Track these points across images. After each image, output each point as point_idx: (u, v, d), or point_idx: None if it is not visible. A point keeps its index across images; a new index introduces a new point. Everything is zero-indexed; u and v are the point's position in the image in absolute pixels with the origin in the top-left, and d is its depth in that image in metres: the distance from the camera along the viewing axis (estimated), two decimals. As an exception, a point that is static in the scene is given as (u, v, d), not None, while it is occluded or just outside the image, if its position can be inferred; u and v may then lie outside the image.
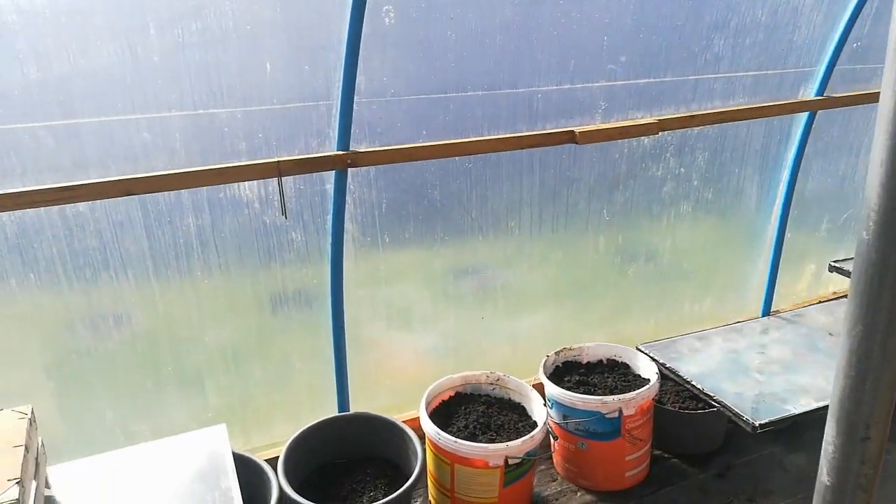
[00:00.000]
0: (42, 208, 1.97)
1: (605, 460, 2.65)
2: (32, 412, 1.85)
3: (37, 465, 1.81)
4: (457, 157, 2.60)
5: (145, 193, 2.05)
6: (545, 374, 2.75)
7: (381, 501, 2.18)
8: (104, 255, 2.14)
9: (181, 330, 2.40)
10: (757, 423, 2.51)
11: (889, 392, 0.91)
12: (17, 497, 1.52)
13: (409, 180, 2.59)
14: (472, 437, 2.42)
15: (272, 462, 2.27)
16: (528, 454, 2.38)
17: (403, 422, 2.51)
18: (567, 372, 2.89)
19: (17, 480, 1.57)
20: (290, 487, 2.16)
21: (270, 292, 2.50)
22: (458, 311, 2.92)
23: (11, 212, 1.94)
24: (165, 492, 1.95)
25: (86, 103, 1.93)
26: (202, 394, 2.50)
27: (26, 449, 1.71)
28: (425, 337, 2.92)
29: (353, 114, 2.27)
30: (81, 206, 2.04)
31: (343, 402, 2.72)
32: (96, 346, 2.27)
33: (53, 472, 1.97)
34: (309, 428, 2.47)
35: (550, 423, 2.63)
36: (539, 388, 2.69)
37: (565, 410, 2.63)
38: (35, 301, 2.11)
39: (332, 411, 2.72)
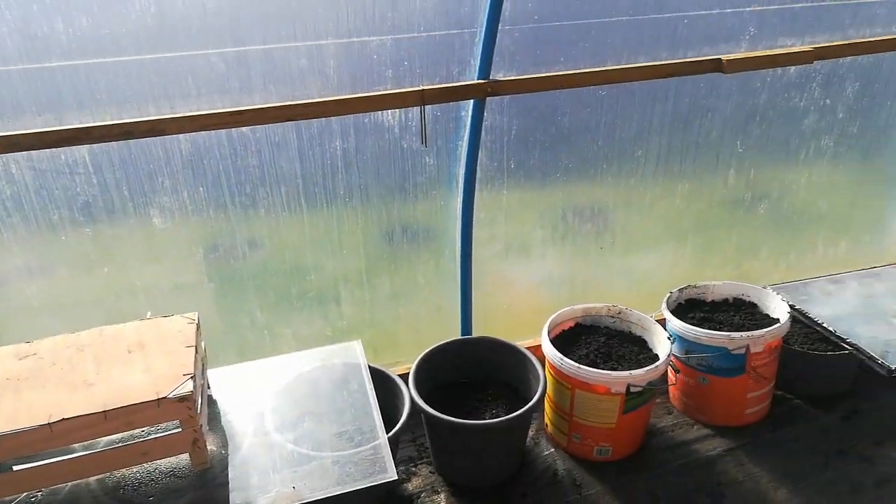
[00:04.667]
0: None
1: (725, 396, 2.66)
2: (199, 318, 2.06)
3: (202, 365, 2.02)
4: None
5: (304, 119, 2.16)
6: (668, 309, 2.75)
7: (502, 418, 2.32)
8: (262, 173, 2.31)
9: (323, 245, 2.56)
10: (893, 367, 2.44)
11: None
12: (192, 389, 1.72)
13: (539, 107, 2.58)
14: (594, 365, 2.49)
15: (402, 377, 2.44)
16: (650, 384, 2.42)
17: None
18: (690, 309, 2.87)
19: (191, 376, 1.77)
20: (420, 399, 2.32)
21: (403, 215, 2.61)
22: (578, 243, 2.94)
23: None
24: (308, 396, 2.13)
25: (253, 31, 2.04)
26: (338, 306, 2.69)
27: (196, 349, 1.92)
28: (544, 267, 2.96)
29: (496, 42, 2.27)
30: (244, 128, 2.18)
31: (466, 325, 2.85)
32: (252, 256, 2.48)
33: (211, 374, 2.19)
34: (436, 347, 2.61)
35: (672, 357, 2.65)
36: (661, 323, 2.70)
37: (688, 346, 2.65)
38: (202, 213, 2.32)
39: (454, 334, 2.86)
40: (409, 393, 2.34)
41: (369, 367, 2.26)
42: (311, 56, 2.13)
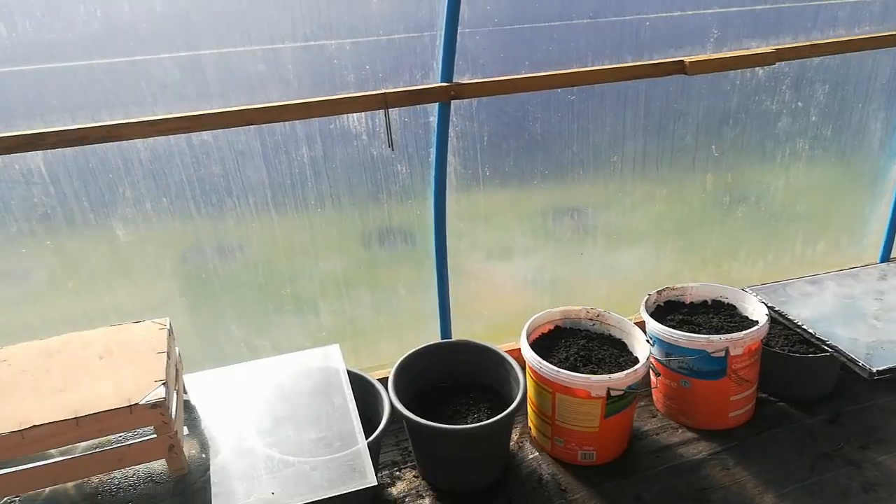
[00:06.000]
0: (171, 136, 2.12)
1: (708, 399, 2.61)
2: (170, 324, 2.03)
3: (176, 371, 1.99)
4: (559, 90, 2.57)
5: (264, 123, 2.16)
6: (647, 312, 2.72)
7: (485, 422, 2.27)
8: (227, 183, 2.29)
9: (297, 256, 2.54)
10: (874, 370, 2.39)
11: None
12: (163, 396, 1.69)
13: (510, 113, 2.58)
14: (573, 369, 2.44)
15: (382, 381, 2.40)
16: (629, 387, 2.38)
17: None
18: (669, 311, 2.84)
19: (162, 382, 1.74)
20: (400, 404, 2.27)
21: (378, 222, 2.59)
22: (557, 246, 2.92)
23: (145, 139, 2.09)
24: (287, 401, 2.10)
25: (206, 35, 2.04)
26: (316, 315, 2.66)
27: (168, 356, 1.88)
28: (524, 271, 2.94)
29: (457, 45, 2.27)
30: (206, 135, 2.17)
31: (445, 329, 2.82)
32: (223, 268, 2.45)
33: (188, 379, 2.16)
34: (415, 351, 2.58)
35: (652, 360, 2.61)
36: (640, 326, 2.67)
37: (668, 348, 2.60)
38: (167, 224, 2.29)
39: (434, 337, 2.84)
40: (388, 398, 2.29)
41: (349, 371, 2.23)
42: (268, 60, 2.12)
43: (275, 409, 2.07)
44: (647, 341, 2.53)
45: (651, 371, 2.71)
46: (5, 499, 1.75)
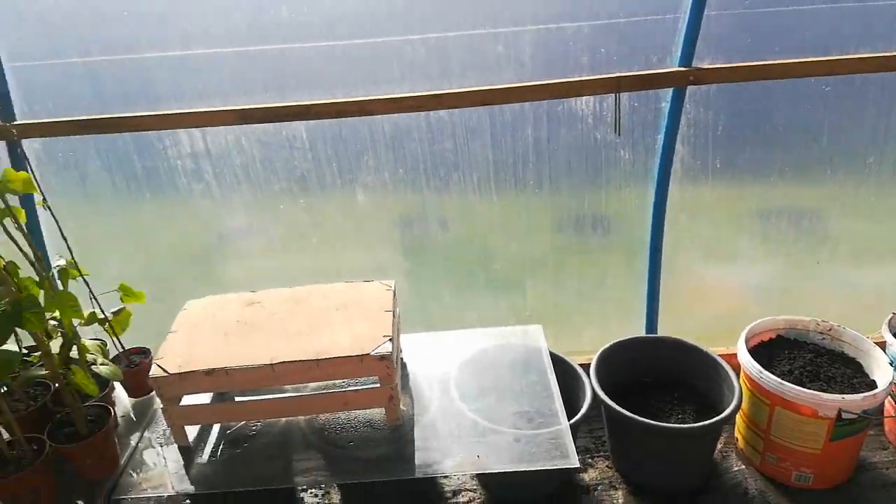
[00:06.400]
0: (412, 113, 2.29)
1: (960, 440, 2.26)
2: (395, 286, 2.20)
3: (397, 329, 2.15)
4: (811, 79, 2.34)
5: (501, 104, 2.24)
6: (891, 332, 2.41)
7: (694, 425, 2.17)
8: (455, 158, 2.42)
9: (511, 234, 2.62)
10: None
11: None
12: (390, 350, 1.83)
13: (750, 102, 2.40)
14: (799, 383, 2.24)
15: (582, 367, 2.40)
16: (864, 412, 2.13)
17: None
18: (921, 335, 2.48)
19: (389, 338, 1.89)
20: (602, 392, 2.26)
21: (593, 208, 2.57)
22: (786, 250, 2.68)
23: (389, 115, 2.28)
24: (490, 372, 2.19)
25: (455, 18, 2.16)
26: (523, 294, 2.73)
27: (393, 314, 2.05)
28: (744, 273, 2.75)
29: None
30: (442, 112, 2.31)
31: (651, 323, 2.74)
32: (442, 238, 2.60)
33: (403, 339, 2.32)
34: (620, 342, 2.53)
35: (893, 387, 2.31)
36: (880, 346, 2.37)
37: (915, 375, 2.28)
38: (399, 193, 2.49)
39: (637, 330, 2.77)
40: (589, 384, 2.30)
41: (552, 353, 2.27)
42: (508, 43, 2.19)
43: (479, 377, 2.17)
44: (890, 364, 2.24)
45: (889, 398, 2.41)
46: (242, 423, 2.01)
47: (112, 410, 1.92)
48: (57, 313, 1.77)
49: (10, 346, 1.67)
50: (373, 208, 2.53)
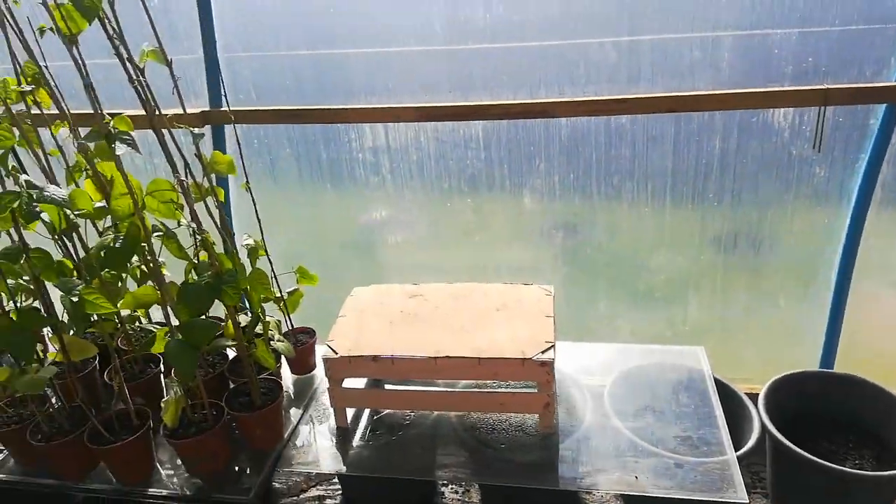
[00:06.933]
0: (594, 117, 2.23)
1: None
2: (553, 291, 2.15)
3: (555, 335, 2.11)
4: None
5: (687, 111, 2.13)
6: None
7: (882, 473, 1.98)
8: (632, 166, 2.33)
9: (680, 246, 2.50)
10: None
11: None
12: (553, 357, 1.80)
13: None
14: None
15: (748, 396, 2.25)
16: None
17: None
18: None
19: (552, 344, 1.85)
20: (774, 428, 2.11)
21: (774, 226, 2.40)
22: None
23: (569, 118, 2.24)
24: (648, 391, 2.09)
25: (650, 21, 2.07)
26: (684, 309, 2.60)
27: (553, 320, 2.01)
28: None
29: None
30: (624, 118, 2.23)
31: (828, 358, 2.52)
32: (606, 246, 2.53)
33: (557, 346, 2.27)
34: (792, 374, 2.36)
35: None
36: None
37: None
38: (566, 198, 2.44)
39: (809, 360, 2.57)
40: (757, 415, 2.17)
41: (716, 379, 2.15)
42: (705, 48, 2.08)
43: (635, 395, 2.08)
44: None
45: None
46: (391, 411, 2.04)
47: (282, 385, 2.01)
48: (249, 288, 1.87)
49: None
50: (538, 210, 2.50)
